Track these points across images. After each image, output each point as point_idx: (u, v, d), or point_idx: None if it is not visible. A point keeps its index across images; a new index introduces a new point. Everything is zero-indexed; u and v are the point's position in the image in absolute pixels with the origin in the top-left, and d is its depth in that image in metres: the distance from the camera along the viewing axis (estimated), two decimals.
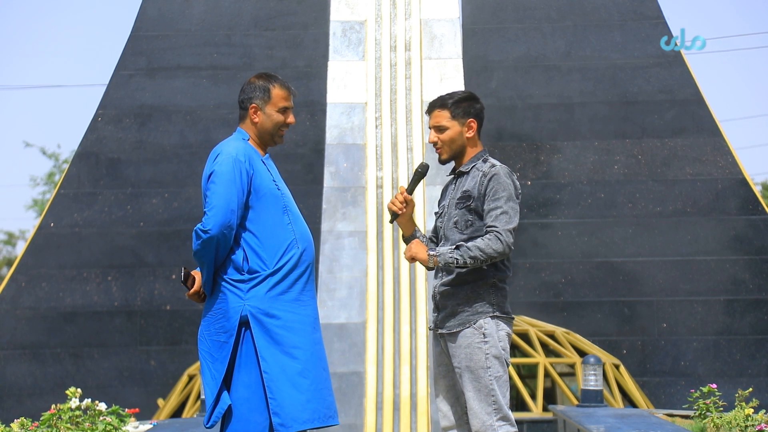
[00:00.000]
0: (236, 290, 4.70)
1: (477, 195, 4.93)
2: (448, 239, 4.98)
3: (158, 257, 12.59)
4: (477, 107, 5.07)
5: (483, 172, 4.96)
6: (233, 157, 4.72)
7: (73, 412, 6.79)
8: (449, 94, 5.13)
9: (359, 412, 10.10)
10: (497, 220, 4.86)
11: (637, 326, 12.38)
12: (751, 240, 12.47)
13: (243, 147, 4.78)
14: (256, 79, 4.91)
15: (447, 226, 5.01)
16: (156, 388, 12.26)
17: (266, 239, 4.71)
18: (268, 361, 4.62)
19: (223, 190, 4.70)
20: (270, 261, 4.69)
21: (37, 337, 12.40)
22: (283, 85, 4.89)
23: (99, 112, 12.99)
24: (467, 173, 5.03)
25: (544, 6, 13.25)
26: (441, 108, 5.06)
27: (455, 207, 4.99)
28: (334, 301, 10.53)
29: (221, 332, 4.72)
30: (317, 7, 13.17)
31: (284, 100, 4.87)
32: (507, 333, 4.96)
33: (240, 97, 4.92)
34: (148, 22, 13.23)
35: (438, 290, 5.00)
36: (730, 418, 7.32)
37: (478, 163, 5.03)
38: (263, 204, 4.73)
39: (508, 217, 4.87)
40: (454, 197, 5.02)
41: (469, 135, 5.04)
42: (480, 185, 4.93)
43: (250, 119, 4.87)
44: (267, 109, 4.85)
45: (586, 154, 12.81)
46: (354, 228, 10.87)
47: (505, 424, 4.87)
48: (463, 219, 4.95)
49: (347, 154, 11.39)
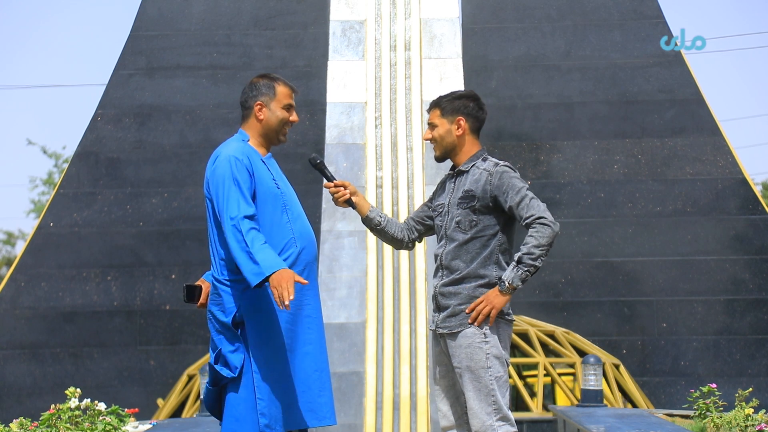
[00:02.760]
0: (232, 290, 4.68)
1: (482, 195, 4.93)
2: (452, 240, 4.96)
3: (158, 257, 12.58)
4: (470, 106, 5.05)
5: (488, 171, 4.95)
6: (230, 157, 4.72)
7: (73, 412, 6.78)
8: (449, 92, 5.15)
9: (359, 411, 10.09)
10: (530, 207, 4.87)
11: (637, 326, 12.37)
12: (751, 240, 12.46)
13: (241, 147, 4.78)
14: (258, 78, 4.91)
15: (449, 227, 4.99)
16: (155, 387, 12.25)
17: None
18: (259, 360, 4.61)
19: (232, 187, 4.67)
20: None
21: (37, 336, 12.39)
22: (287, 84, 4.91)
23: (98, 111, 12.99)
24: (467, 172, 5.02)
25: (544, 6, 13.24)
26: (434, 106, 5.10)
27: (457, 207, 4.98)
28: (333, 301, 10.53)
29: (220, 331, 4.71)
30: (317, 7, 13.16)
31: (288, 98, 4.89)
32: (507, 333, 4.96)
33: (242, 97, 4.91)
34: (148, 22, 13.22)
35: (439, 290, 4.99)
36: (730, 418, 7.31)
37: (478, 162, 5.03)
38: (261, 203, 4.72)
39: (537, 201, 4.90)
40: (456, 196, 5.01)
41: (458, 133, 5.04)
42: (487, 184, 4.92)
43: (254, 117, 4.86)
44: (272, 106, 4.85)
45: (585, 153, 12.81)
46: (354, 228, 10.87)
47: (504, 424, 4.87)
48: (467, 219, 4.94)
49: (347, 153, 11.38)
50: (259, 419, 4.59)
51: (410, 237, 5.24)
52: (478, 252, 4.92)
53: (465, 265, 4.92)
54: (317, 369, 4.72)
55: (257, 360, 4.60)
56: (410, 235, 5.23)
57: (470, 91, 5.16)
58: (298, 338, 4.70)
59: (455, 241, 4.95)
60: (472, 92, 5.15)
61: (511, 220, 4.99)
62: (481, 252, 4.92)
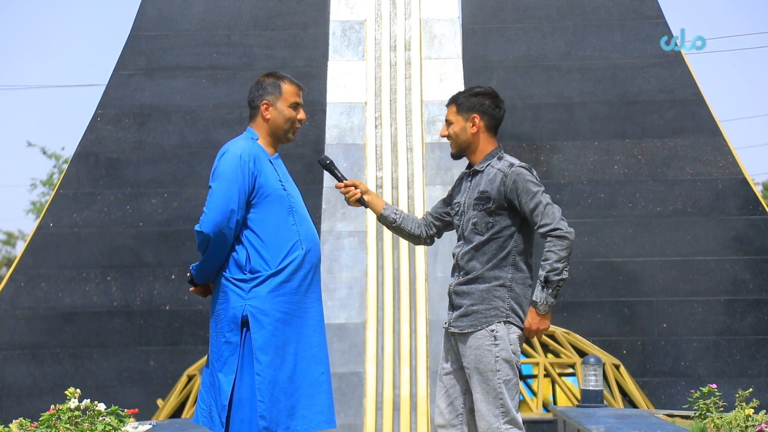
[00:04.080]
0: (238, 290, 4.67)
1: (497, 196, 4.87)
2: (470, 241, 4.91)
3: (158, 257, 12.57)
4: (486, 103, 5.00)
5: (503, 172, 4.88)
6: (237, 156, 4.69)
7: (72, 412, 6.77)
8: (467, 88, 5.10)
9: (359, 412, 10.08)
10: (545, 215, 4.81)
11: (637, 326, 12.36)
12: (752, 240, 12.45)
13: (249, 146, 4.75)
14: (265, 77, 4.90)
15: (466, 228, 4.94)
16: (155, 388, 12.24)
17: (269, 239, 4.68)
18: (262, 362, 4.60)
19: (223, 189, 4.66)
20: (273, 261, 4.67)
21: (36, 337, 12.38)
22: (293, 82, 4.90)
23: (98, 112, 12.98)
24: (482, 172, 4.97)
25: (544, 6, 13.23)
26: (452, 102, 5.05)
27: (473, 208, 4.92)
28: (333, 301, 10.52)
29: (223, 331, 4.70)
30: (317, 7, 13.16)
31: (295, 96, 4.87)
32: (518, 336, 4.91)
33: (249, 97, 4.89)
34: (148, 22, 13.21)
35: (453, 289, 4.96)
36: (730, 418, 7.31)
37: (493, 161, 4.96)
38: (267, 204, 4.70)
39: (552, 208, 4.83)
40: (471, 197, 4.95)
41: (473, 131, 4.99)
42: (502, 185, 4.86)
43: (261, 117, 4.84)
44: (278, 105, 4.84)
45: (586, 154, 12.80)
46: (354, 228, 10.86)
47: (512, 427, 4.83)
48: (483, 221, 4.89)
49: (347, 153, 11.38)
50: (258, 421, 4.58)
51: (428, 233, 5.20)
52: (494, 253, 4.87)
53: (481, 266, 4.88)
54: (323, 372, 4.72)
55: (261, 361, 4.59)
56: (428, 231, 5.20)
57: (488, 88, 5.07)
58: (303, 340, 4.70)
59: (472, 242, 4.90)
60: (490, 89, 5.07)
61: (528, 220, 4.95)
62: (498, 253, 4.87)
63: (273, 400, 4.59)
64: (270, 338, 4.62)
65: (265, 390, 4.58)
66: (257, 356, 4.59)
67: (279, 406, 4.60)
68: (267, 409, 4.58)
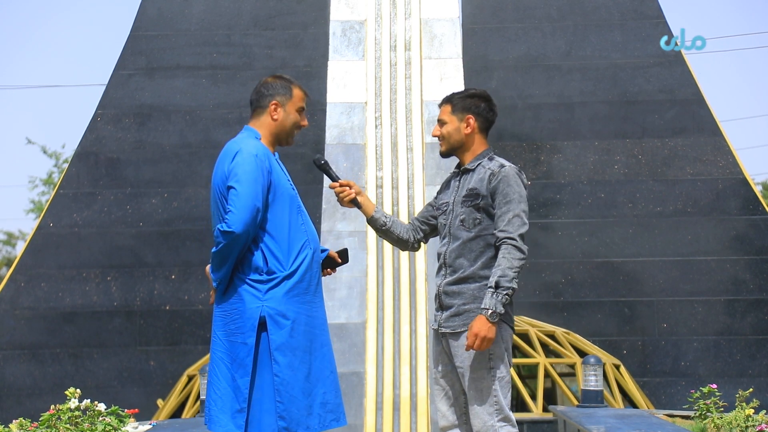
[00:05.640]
0: (254, 291, 4.65)
1: (485, 193, 4.91)
2: (457, 238, 4.94)
3: (158, 257, 12.57)
4: (481, 106, 5.05)
5: (492, 170, 4.93)
6: (254, 155, 4.67)
7: (73, 412, 6.77)
8: (462, 90, 5.15)
9: (359, 412, 10.08)
10: (510, 224, 4.83)
11: (638, 326, 12.36)
12: (752, 240, 12.45)
13: (260, 145, 4.74)
14: (274, 78, 4.88)
15: (453, 225, 4.98)
16: (155, 388, 12.24)
17: (282, 240, 4.67)
18: (281, 363, 4.60)
19: (248, 188, 4.62)
20: (286, 262, 4.66)
21: (37, 337, 12.38)
22: (301, 87, 4.90)
23: (98, 111, 12.98)
24: (472, 171, 5.01)
25: (544, 6, 13.23)
26: (446, 102, 5.10)
27: (461, 205, 4.96)
28: (334, 301, 10.52)
29: (238, 333, 4.67)
30: (317, 7, 13.15)
31: (302, 101, 4.87)
32: (510, 334, 4.95)
33: (255, 95, 4.86)
34: (148, 22, 13.21)
35: (443, 289, 4.98)
36: (730, 418, 7.30)
37: (484, 161, 5.01)
38: (280, 203, 4.70)
39: (520, 221, 4.85)
40: (460, 195, 4.99)
41: (467, 131, 5.04)
42: (489, 183, 4.90)
43: (269, 116, 4.81)
44: (288, 108, 4.83)
45: (586, 153, 12.80)
46: (354, 228, 10.86)
47: (506, 425, 4.87)
48: (471, 217, 4.93)
49: (347, 153, 11.37)
50: (277, 422, 4.59)
51: (415, 237, 5.23)
52: (482, 251, 4.90)
53: (469, 264, 4.90)
54: (333, 370, 4.74)
55: (279, 362, 4.60)
56: (415, 236, 5.22)
57: (483, 91, 5.13)
58: (316, 340, 4.71)
59: (459, 239, 4.93)
60: (485, 92, 5.13)
61: None
62: (485, 251, 4.90)
63: (292, 400, 4.60)
64: (288, 339, 4.62)
65: (284, 390, 4.59)
66: (275, 357, 4.59)
67: (298, 405, 4.61)
68: (286, 410, 4.59)
